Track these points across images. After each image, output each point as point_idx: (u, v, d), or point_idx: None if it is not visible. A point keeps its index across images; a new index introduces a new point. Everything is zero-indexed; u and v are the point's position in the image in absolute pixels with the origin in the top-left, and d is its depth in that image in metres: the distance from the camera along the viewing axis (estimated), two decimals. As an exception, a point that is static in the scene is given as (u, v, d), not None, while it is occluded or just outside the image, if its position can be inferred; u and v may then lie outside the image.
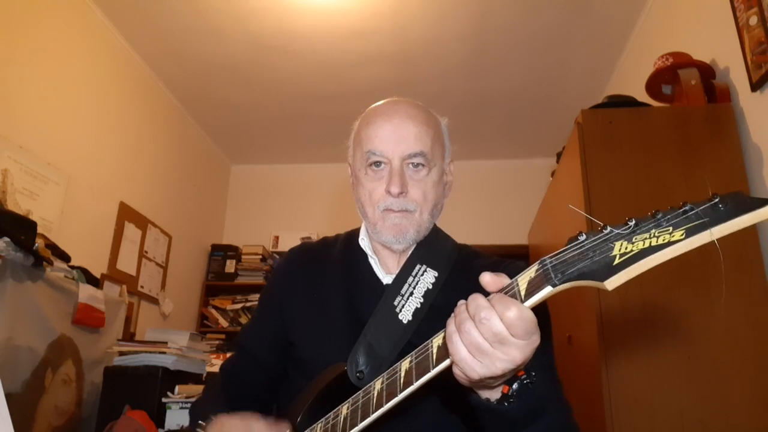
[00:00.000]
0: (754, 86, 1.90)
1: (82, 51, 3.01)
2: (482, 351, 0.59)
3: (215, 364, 2.73)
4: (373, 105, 1.03)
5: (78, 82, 2.99)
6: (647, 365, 1.72)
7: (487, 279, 0.63)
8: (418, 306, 0.92)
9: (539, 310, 0.60)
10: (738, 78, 2.03)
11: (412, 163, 0.95)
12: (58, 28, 2.82)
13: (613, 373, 1.72)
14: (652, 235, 0.52)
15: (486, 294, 0.63)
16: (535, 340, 0.59)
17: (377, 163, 0.95)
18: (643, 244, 0.52)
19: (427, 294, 0.94)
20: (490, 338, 0.58)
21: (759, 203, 0.49)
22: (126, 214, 3.39)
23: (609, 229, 0.54)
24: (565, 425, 0.77)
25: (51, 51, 2.77)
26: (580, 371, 1.95)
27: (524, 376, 0.66)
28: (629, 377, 1.72)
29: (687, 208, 0.51)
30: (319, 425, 0.83)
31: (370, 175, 0.97)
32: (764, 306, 1.73)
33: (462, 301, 0.63)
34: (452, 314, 0.63)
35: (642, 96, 2.25)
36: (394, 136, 0.94)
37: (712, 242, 0.50)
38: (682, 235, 0.51)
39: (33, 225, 2.02)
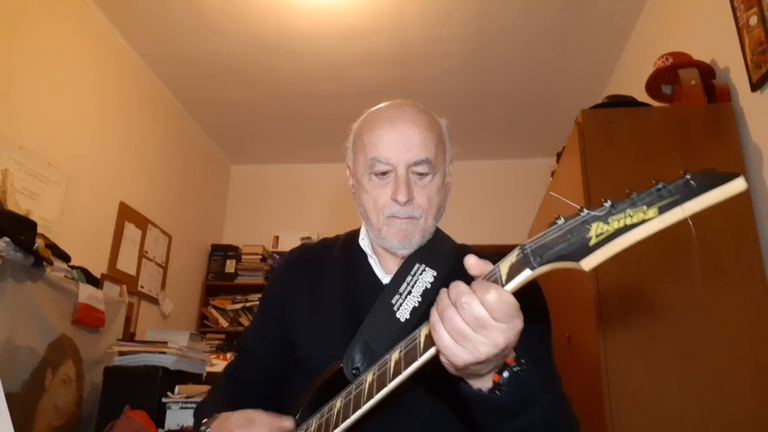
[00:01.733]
0: (754, 86, 1.90)
1: (82, 51, 3.02)
2: (465, 336, 0.60)
3: (215, 364, 2.73)
4: (375, 108, 1.02)
5: (78, 82, 2.99)
6: (647, 364, 1.72)
7: (471, 262, 0.64)
8: (416, 305, 0.93)
9: (536, 302, 0.60)
10: (738, 78, 2.03)
11: (417, 170, 0.94)
12: (58, 28, 2.83)
13: (613, 373, 1.72)
14: (626, 215, 0.53)
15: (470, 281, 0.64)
16: (517, 324, 0.60)
17: (383, 172, 0.94)
18: (618, 224, 0.53)
19: (425, 293, 0.94)
20: (471, 323, 0.59)
21: (729, 177, 0.50)
22: (126, 214, 3.39)
23: (585, 211, 0.56)
24: (558, 417, 0.76)
25: (51, 51, 2.77)
26: (580, 370, 1.95)
27: (514, 364, 0.66)
28: (629, 376, 1.72)
29: (659, 186, 0.53)
30: (314, 419, 0.84)
31: (375, 182, 0.96)
32: (764, 304, 1.73)
33: (444, 289, 0.63)
34: (435, 302, 0.64)
35: (642, 96, 2.25)
36: (399, 143, 0.93)
37: (689, 224, 0.50)
38: (655, 213, 0.52)
39: (33, 225, 2.02)
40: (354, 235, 1.09)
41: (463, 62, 3.48)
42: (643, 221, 0.52)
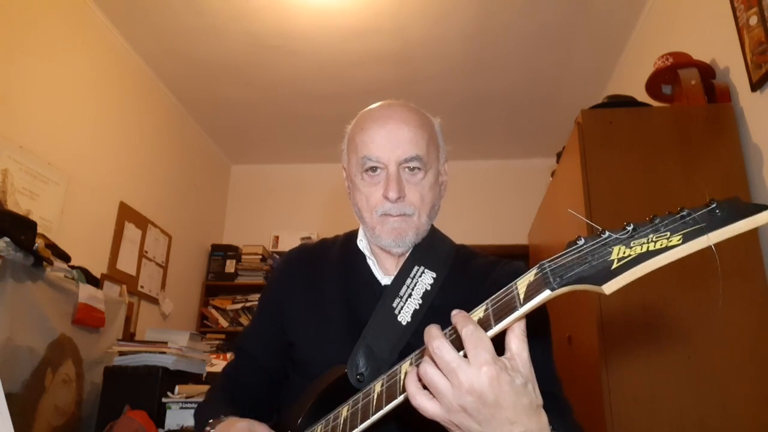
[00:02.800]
0: (754, 86, 1.90)
1: (82, 51, 3.01)
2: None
3: (215, 364, 2.73)
4: (366, 109, 1.02)
5: (78, 82, 2.99)
6: (647, 365, 1.72)
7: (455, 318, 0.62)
8: (417, 307, 0.92)
9: (538, 312, 0.59)
10: (738, 78, 2.03)
11: (408, 168, 0.94)
12: (58, 28, 2.82)
13: (613, 373, 1.72)
14: (649, 240, 0.52)
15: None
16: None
17: (373, 169, 0.95)
18: (641, 249, 0.52)
19: (425, 295, 0.94)
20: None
21: (755, 209, 0.49)
22: (126, 214, 3.39)
23: (607, 233, 0.55)
24: None
25: (51, 51, 2.77)
26: (580, 371, 1.95)
27: None
28: (629, 377, 1.72)
29: (684, 213, 0.52)
30: (320, 427, 0.83)
31: (367, 180, 0.96)
32: (764, 306, 1.73)
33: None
34: (426, 357, 0.62)
35: (642, 96, 2.25)
36: (390, 141, 0.94)
37: (710, 246, 0.50)
38: (679, 240, 0.51)
39: (33, 225, 2.02)
40: (352, 235, 1.09)
41: (463, 62, 3.47)
42: (667, 248, 0.51)
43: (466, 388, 0.57)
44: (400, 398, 0.68)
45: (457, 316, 0.62)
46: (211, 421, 0.92)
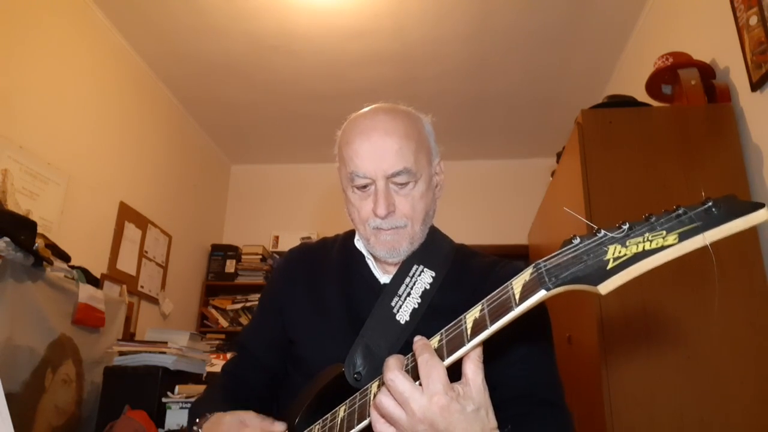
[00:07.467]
0: (754, 86, 1.90)
1: (82, 51, 3.01)
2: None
3: (215, 364, 2.73)
4: (354, 115, 1.00)
5: (78, 82, 2.99)
6: (647, 365, 1.72)
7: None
8: (416, 306, 0.92)
9: (539, 315, 0.59)
10: (738, 78, 2.03)
11: (397, 181, 0.92)
12: (57, 28, 2.83)
13: (613, 373, 1.72)
14: (645, 239, 0.52)
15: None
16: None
17: (363, 185, 0.94)
18: (637, 248, 0.52)
19: (424, 294, 0.94)
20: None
21: (752, 207, 0.49)
22: (126, 214, 3.39)
23: (603, 232, 0.54)
24: None
25: (51, 51, 2.77)
26: (580, 371, 1.96)
27: None
28: (629, 377, 1.72)
29: (680, 212, 0.51)
30: (317, 427, 0.83)
31: (357, 194, 0.95)
32: (764, 306, 1.73)
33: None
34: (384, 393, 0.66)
35: (642, 96, 2.25)
36: (375, 155, 0.91)
37: (707, 245, 0.50)
38: (675, 239, 0.50)
39: (33, 225, 2.02)
40: (351, 235, 1.09)
41: (463, 62, 3.47)
42: (663, 247, 0.50)
43: (419, 417, 0.62)
44: None
45: (416, 343, 0.66)
46: (198, 420, 0.92)
